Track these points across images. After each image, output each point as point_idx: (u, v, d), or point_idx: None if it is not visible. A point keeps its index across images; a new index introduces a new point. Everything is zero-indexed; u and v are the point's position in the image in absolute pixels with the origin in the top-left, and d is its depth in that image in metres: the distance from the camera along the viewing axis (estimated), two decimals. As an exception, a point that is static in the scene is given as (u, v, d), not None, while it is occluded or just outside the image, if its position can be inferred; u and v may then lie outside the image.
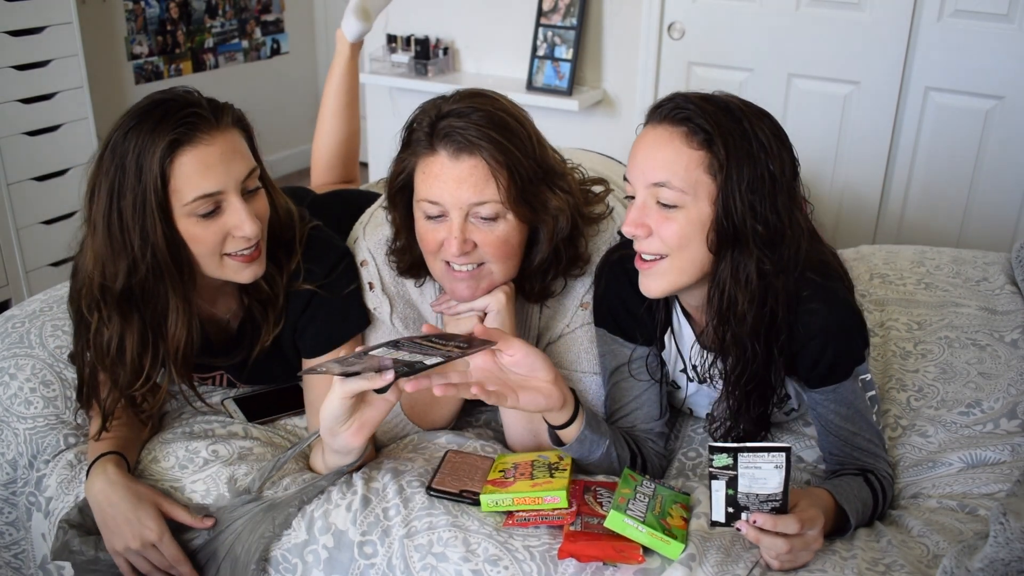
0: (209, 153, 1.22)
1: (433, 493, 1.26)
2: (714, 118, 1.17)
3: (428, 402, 1.42)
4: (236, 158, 1.25)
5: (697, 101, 1.19)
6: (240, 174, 1.25)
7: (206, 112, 1.23)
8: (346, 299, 1.41)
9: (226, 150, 1.24)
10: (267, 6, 4.55)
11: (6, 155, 3.09)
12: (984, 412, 1.49)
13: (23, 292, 3.21)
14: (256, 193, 1.29)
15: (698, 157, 1.17)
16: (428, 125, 1.26)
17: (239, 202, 1.25)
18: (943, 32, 2.55)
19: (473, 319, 1.33)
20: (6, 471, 1.45)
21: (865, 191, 2.78)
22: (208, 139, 1.22)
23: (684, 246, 1.19)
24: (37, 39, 3.13)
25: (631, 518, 1.12)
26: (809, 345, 1.25)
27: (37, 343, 1.55)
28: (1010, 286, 1.77)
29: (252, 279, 1.32)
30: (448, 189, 1.24)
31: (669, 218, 1.19)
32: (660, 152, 1.18)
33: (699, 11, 2.86)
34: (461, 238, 1.25)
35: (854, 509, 1.22)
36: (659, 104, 1.23)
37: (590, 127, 3.08)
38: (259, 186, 1.30)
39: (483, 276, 1.30)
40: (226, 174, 1.23)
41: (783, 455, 1.08)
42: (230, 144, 1.25)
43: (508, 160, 1.24)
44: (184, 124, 1.21)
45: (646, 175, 1.19)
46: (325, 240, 1.43)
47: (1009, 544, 1.01)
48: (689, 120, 1.17)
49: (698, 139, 1.17)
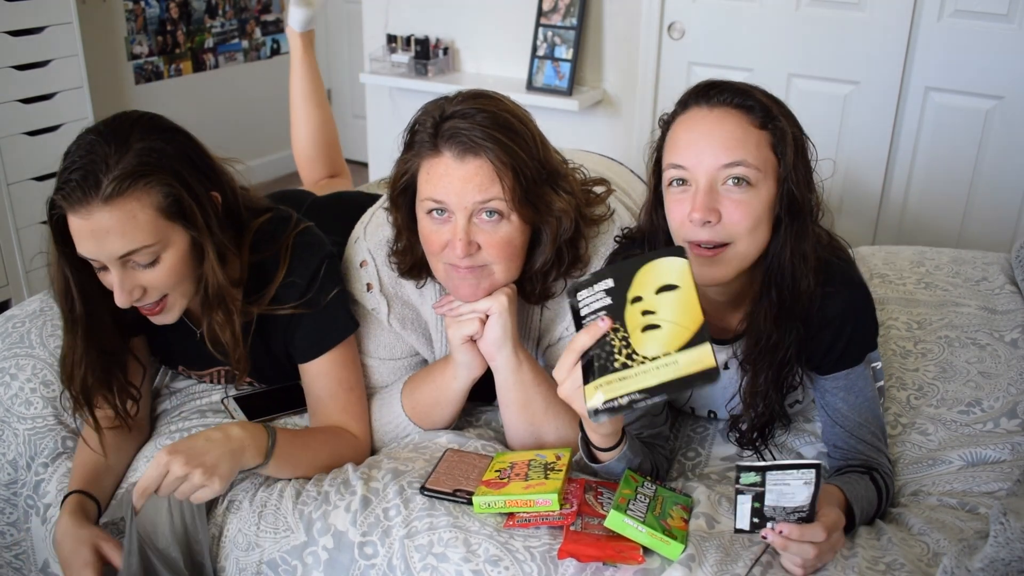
0: (80, 226, 1.18)
1: (427, 493, 1.26)
2: (763, 96, 1.19)
3: (430, 403, 1.42)
4: (109, 238, 1.18)
5: (739, 84, 1.21)
6: (113, 252, 1.19)
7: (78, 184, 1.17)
8: (330, 305, 1.40)
9: (96, 229, 1.17)
10: (267, 6, 4.55)
11: (6, 155, 3.09)
12: (984, 411, 1.49)
13: (23, 292, 3.21)
14: (147, 267, 1.23)
15: (762, 136, 1.18)
16: (432, 126, 1.26)
17: (116, 272, 1.21)
18: (943, 32, 2.55)
19: (475, 322, 1.33)
20: (7, 471, 1.45)
21: (865, 191, 2.78)
22: (84, 212, 1.17)
23: (755, 228, 1.19)
24: (37, 39, 3.13)
25: (631, 518, 1.12)
26: (826, 327, 1.25)
27: (37, 343, 1.55)
28: (1010, 286, 1.77)
29: (164, 323, 1.32)
30: (453, 189, 1.24)
31: (741, 201, 1.17)
32: (727, 132, 1.18)
33: (699, 11, 2.86)
34: (466, 239, 1.25)
35: (861, 509, 1.23)
36: (704, 89, 1.22)
37: (590, 127, 3.08)
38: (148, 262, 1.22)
39: (485, 277, 1.30)
40: (96, 249, 1.20)
41: (813, 471, 1.07)
42: (103, 223, 1.17)
43: (513, 161, 1.24)
44: (62, 187, 1.19)
45: (717, 157, 1.17)
46: (307, 245, 1.41)
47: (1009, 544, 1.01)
48: (746, 100, 1.19)
49: (757, 119, 1.18)
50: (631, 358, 1.04)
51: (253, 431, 1.27)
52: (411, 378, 1.46)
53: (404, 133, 1.32)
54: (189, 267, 1.28)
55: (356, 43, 4.43)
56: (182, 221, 1.24)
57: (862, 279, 1.30)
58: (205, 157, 1.30)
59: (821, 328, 1.25)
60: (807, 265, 1.22)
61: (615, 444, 1.23)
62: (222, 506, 1.32)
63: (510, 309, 1.32)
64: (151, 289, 1.26)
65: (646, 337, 1.05)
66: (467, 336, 1.33)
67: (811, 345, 1.27)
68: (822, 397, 1.32)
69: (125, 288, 1.22)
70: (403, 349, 1.50)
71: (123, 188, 1.17)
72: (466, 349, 1.35)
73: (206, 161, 1.30)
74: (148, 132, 1.24)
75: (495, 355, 1.34)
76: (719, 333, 1.35)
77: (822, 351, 1.27)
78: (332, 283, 1.40)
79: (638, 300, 1.07)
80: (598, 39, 3.01)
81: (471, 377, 1.39)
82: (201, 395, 1.59)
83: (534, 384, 1.36)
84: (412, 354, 1.51)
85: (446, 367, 1.40)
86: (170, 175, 1.21)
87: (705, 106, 1.21)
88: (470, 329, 1.32)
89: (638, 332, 1.05)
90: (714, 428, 1.51)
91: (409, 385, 1.45)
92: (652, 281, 1.07)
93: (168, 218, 1.22)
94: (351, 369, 1.44)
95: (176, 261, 1.25)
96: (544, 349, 1.48)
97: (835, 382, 1.30)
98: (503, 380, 1.36)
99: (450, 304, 1.36)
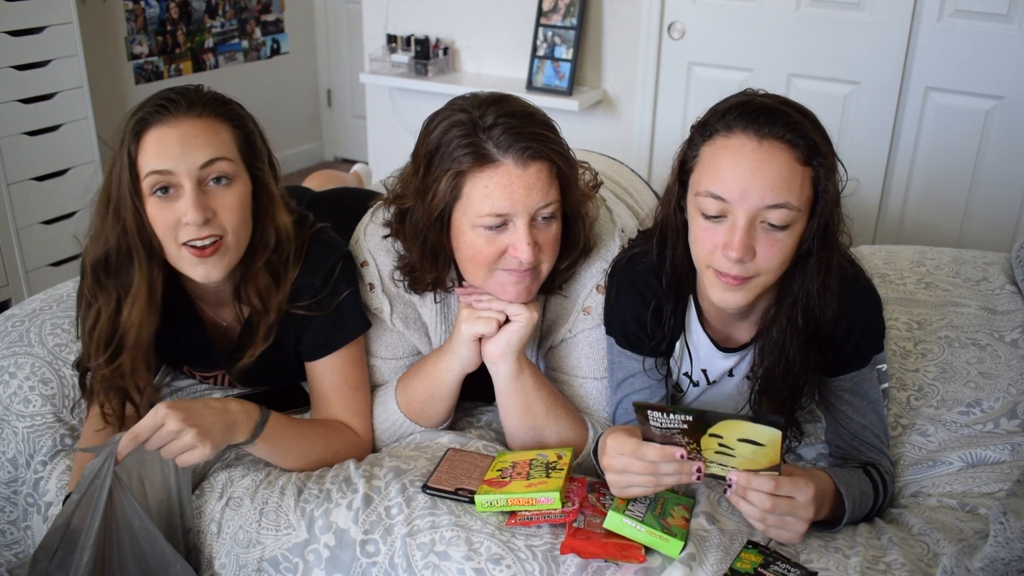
0: (167, 134, 1.24)
1: (429, 491, 1.26)
2: (812, 129, 1.14)
3: (424, 398, 1.42)
4: (196, 144, 1.24)
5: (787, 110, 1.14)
6: (197, 160, 1.24)
7: (179, 98, 1.26)
8: (342, 305, 1.40)
9: (186, 133, 1.24)
10: (267, 6, 4.55)
11: (6, 155, 3.09)
12: (984, 412, 1.49)
13: (23, 292, 3.21)
14: (223, 186, 1.27)
15: (806, 173, 1.13)
16: (470, 140, 1.22)
17: (190, 188, 1.24)
18: (943, 32, 2.55)
19: (492, 322, 1.31)
20: (7, 469, 1.45)
21: (865, 191, 2.78)
22: (172, 121, 1.24)
23: (784, 263, 1.17)
24: (37, 39, 3.12)
25: (630, 518, 1.12)
26: (835, 330, 1.24)
27: (37, 341, 1.55)
28: (1010, 286, 1.77)
29: (205, 279, 1.30)
30: (518, 197, 1.21)
31: (777, 240, 1.14)
32: (775, 172, 1.11)
33: (699, 11, 2.86)
34: (533, 244, 1.24)
35: (851, 496, 1.21)
36: (754, 115, 1.13)
37: (590, 127, 3.08)
38: (225, 179, 1.27)
39: (535, 278, 1.29)
40: (180, 156, 1.23)
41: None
42: (194, 129, 1.25)
43: (562, 159, 1.26)
44: (155, 107, 1.25)
45: (763, 198, 1.11)
46: (324, 243, 1.42)
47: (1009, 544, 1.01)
48: (796, 137, 1.12)
49: (803, 155, 1.13)
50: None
51: (248, 408, 1.29)
52: (403, 375, 1.46)
53: (423, 155, 1.27)
54: (249, 211, 1.31)
55: (356, 43, 4.43)
56: (251, 165, 1.31)
57: (870, 281, 1.30)
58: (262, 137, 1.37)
59: (831, 331, 1.25)
60: (832, 294, 1.20)
61: None
62: (221, 502, 1.32)
63: (534, 322, 1.32)
64: (219, 214, 1.27)
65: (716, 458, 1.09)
66: (479, 333, 1.33)
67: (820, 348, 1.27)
68: (826, 398, 1.32)
69: (199, 203, 1.24)
70: (405, 348, 1.50)
71: (213, 107, 1.28)
72: (470, 344, 1.35)
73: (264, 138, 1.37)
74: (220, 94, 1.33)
75: (498, 361, 1.34)
76: (726, 342, 1.34)
77: (831, 353, 1.27)
78: (346, 283, 1.41)
79: (717, 437, 1.07)
80: (598, 39, 3.01)
81: (464, 370, 1.38)
82: (202, 395, 1.60)
83: (535, 389, 1.36)
84: (414, 353, 1.51)
85: (438, 360, 1.40)
86: (247, 119, 1.33)
87: (755, 136, 1.12)
88: (485, 328, 1.32)
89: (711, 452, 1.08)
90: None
91: (402, 382, 1.45)
92: (738, 433, 1.06)
93: (241, 153, 1.30)
94: (358, 368, 1.44)
95: (245, 193, 1.30)
96: (545, 351, 1.48)
97: (841, 383, 1.30)
98: (503, 386, 1.36)
99: (477, 295, 1.33)
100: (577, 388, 1.44)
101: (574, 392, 1.44)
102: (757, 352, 1.29)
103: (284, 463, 1.35)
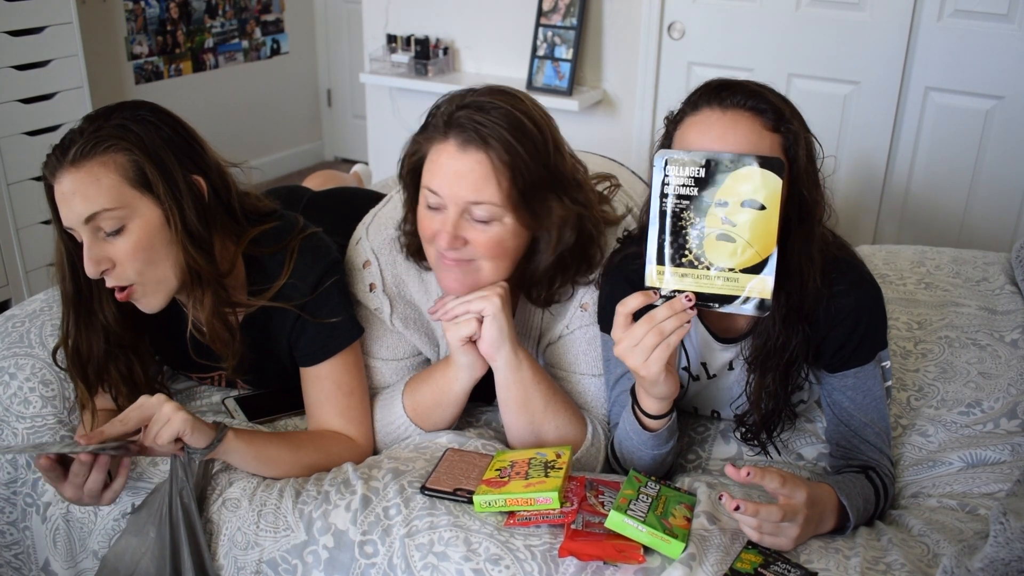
0: (58, 191, 1.24)
1: (427, 492, 1.26)
2: (775, 98, 1.16)
3: (431, 404, 1.42)
4: (74, 202, 1.22)
5: (748, 83, 1.18)
6: (78, 217, 1.22)
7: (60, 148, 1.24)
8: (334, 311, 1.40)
9: (66, 192, 1.22)
10: (267, 6, 4.55)
11: (6, 155, 3.09)
12: (984, 412, 1.49)
13: (23, 292, 3.21)
14: (115, 235, 1.24)
15: (775, 139, 1.15)
16: (447, 112, 1.26)
17: (87, 241, 1.24)
18: (943, 32, 2.55)
19: (471, 323, 1.32)
20: (6, 470, 1.45)
21: (865, 191, 2.78)
22: (58, 176, 1.23)
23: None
24: (37, 39, 3.13)
25: (631, 518, 1.12)
26: (838, 325, 1.25)
27: (37, 342, 1.55)
28: (1010, 286, 1.77)
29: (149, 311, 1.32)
30: (448, 182, 1.24)
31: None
32: (740, 136, 1.14)
33: (699, 11, 2.86)
34: (453, 233, 1.25)
35: (855, 506, 1.22)
36: (716, 89, 1.18)
37: (590, 127, 3.08)
38: (116, 229, 1.23)
39: (471, 272, 1.30)
40: (67, 213, 1.23)
41: None
42: (72, 185, 1.22)
43: (514, 161, 1.23)
44: (47, 160, 1.25)
45: None
46: (314, 249, 1.41)
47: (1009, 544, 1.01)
48: (759, 103, 1.15)
49: (770, 121, 1.15)
50: (698, 260, 1.11)
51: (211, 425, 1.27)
52: (412, 379, 1.46)
53: (425, 113, 1.32)
54: (160, 245, 1.27)
55: (356, 43, 4.44)
56: (150, 193, 1.25)
57: (872, 277, 1.30)
58: (193, 142, 1.31)
59: (832, 326, 1.25)
60: (814, 266, 1.21)
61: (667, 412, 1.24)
62: (217, 503, 1.32)
63: (504, 310, 1.32)
64: (119, 264, 1.25)
65: (718, 246, 1.11)
66: (465, 337, 1.33)
67: (822, 343, 1.27)
68: (829, 395, 1.32)
69: (92, 256, 1.23)
70: (406, 349, 1.50)
71: (87, 152, 1.22)
72: (466, 350, 1.35)
73: (193, 145, 1.31)
74: (131, 111, 1.27)
75: (494, 355, 1.34)
76: (725, 333, 1.35)
77: (833, 349, 1.27)
78: (336, 295, 1.40)
79: (723, 205, 1.10)
80: (598, 39, 3.01)
81: (472, 378, 1.39)
82: (202, 395, 1.60)
83: (534, 382, 1.36)
84: (415, 354, 1.51)
85: (447, 369, 1.40)
86: (137, 146, 1.24)
87: (717, 108, 1.16)
88: (467, 330, 1.32)
89: (713, 238, 1.11)
90: (715, 428, 1.51)
91: (410, 386, 1.45)
92: (744, 190, 1.09)
93: (134, 187, 1.24)
94: (352, 374, 1.43)
95: (144, 235, 1.25)
96: (544, 348, 1.48)
97: (844, 380, 1.30)
98: (503, 379, 1.36)
99: (444, 308, 1.35)
100: (575, 384, 1.44)
101: (572, 388, 1.44)
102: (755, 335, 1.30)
103: (272, 474, 1.35)
